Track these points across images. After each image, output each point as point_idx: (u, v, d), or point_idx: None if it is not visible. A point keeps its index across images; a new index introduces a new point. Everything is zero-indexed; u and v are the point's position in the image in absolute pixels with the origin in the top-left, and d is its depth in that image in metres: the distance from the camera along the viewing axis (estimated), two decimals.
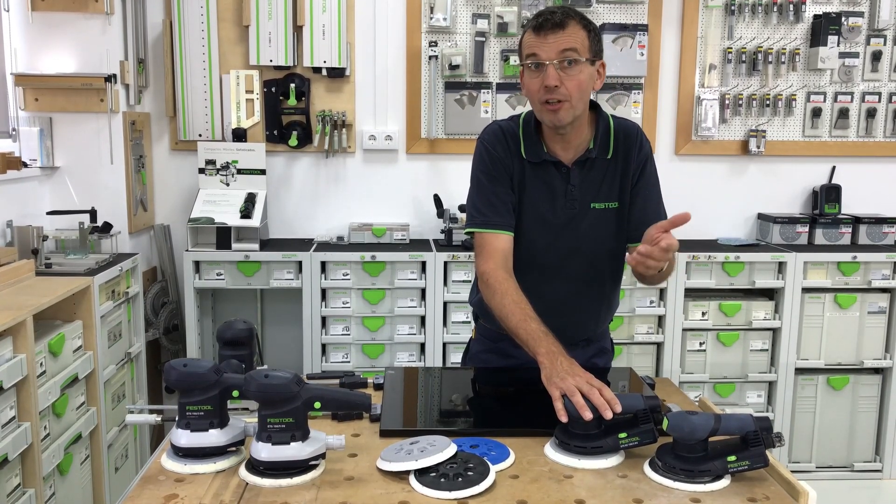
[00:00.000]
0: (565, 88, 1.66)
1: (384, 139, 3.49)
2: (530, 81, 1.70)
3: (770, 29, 3.53)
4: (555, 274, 1.82)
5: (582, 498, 1.26)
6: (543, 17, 1.67)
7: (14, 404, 2.10)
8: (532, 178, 1.80)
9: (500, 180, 1.80)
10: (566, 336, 1.75)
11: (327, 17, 3.37)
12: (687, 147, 3.60)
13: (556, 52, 1.65)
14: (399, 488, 1.28)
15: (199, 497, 1.25)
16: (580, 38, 1.67)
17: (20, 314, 2.10)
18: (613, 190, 1.81)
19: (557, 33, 1.65)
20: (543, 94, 1.67)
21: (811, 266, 3.29)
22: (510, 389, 1.87)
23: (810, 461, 3.41)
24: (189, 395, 1.35)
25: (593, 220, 1.81)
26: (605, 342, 2.03)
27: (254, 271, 3.17)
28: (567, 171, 1.79)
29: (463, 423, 1.63)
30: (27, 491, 2.16)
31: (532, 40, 1.68)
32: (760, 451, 1.31)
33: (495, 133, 1.83)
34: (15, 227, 2.76)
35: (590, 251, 1.83)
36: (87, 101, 3.03)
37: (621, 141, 1.81)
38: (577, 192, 1.79)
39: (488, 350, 1.98)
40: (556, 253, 1.82)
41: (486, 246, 1.79)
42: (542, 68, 1.66)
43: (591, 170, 1.80)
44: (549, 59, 1.65)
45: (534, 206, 1.81)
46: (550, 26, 1.65)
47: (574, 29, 1.66)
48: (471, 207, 1.84)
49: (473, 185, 1.84)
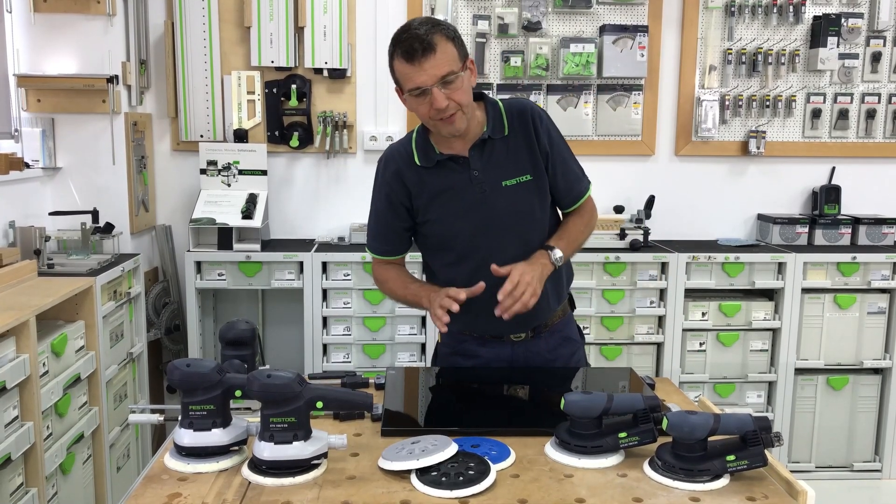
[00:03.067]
0: (453, 102, 1.71)
1: (385, 140, 3.50)
2: (418, 107, 1.73)
3: (770, 30, 3.54)
4: (490, 259, 1.78)
5: (582, 497, 1.27)
6: (409, 43, 1.67)
7: (17, 404, 2.11)
8: (433, 180, 1.84)
9: (384, 208, 1.91)
10: (522, 322, 1.82)
11: (328, 18, 3.38)
12: (687, 148, 3.61)
13: (436, 78, 1.67)
14: (401, 487, 1.29)
15: (201, 496, 1.26)
16: (451, 54, 1.69)
17: (23, 314, 2.11)
18: (521, 164, 1.84)
19: (430, 58, 1.66)
20: (436, 114, 1.72)
21: (811, 266, 3.30)
22: (511, 390, 1.89)
23: (810, 461, 3.41)
24: (192, 394, 1.36)
25: (508, 197, 1.83)
26: (570, 330, 2.01)
27: (255, 272, 3.18)
28: (465, 160, 1.83)
29: (464, 423, 1.64)
30: (30, 490, 2.17)
31: (408, 70, 1.69)
32: (759, 450, 1.32)
33: (385, 160, 1.91)
34: (17, 228, 2.76)
35: (516, 228, 1.84)
36: (89, 101, 3.04)
37: (515, 117, 1.84)
38: (483, 175, 1.82)
39: (455, 352, 1.99)
40: (484, 239, 1.84)
41: (376, 264, 2.00)
42: (427, 93, 1.69)
43: (492, 151, 1.83)
44: (431, 85, 1.68)
45: (444, 205, 1.85)
46: (422, 53, 1.66)
47: (443, 47, 1.67)
48: (368, 228, 2.00)
49: (371, 208, 1.96)
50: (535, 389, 1.86)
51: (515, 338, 1.93)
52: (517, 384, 1.90)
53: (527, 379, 1.91)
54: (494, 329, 1.90)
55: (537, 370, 1.93)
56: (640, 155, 3.60)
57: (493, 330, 1.91)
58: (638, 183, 3.58)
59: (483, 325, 1.90)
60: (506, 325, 1.79)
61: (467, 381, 1.94)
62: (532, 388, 1.87)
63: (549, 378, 1.92)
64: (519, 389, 1.88)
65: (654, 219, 3.45)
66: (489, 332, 1.93)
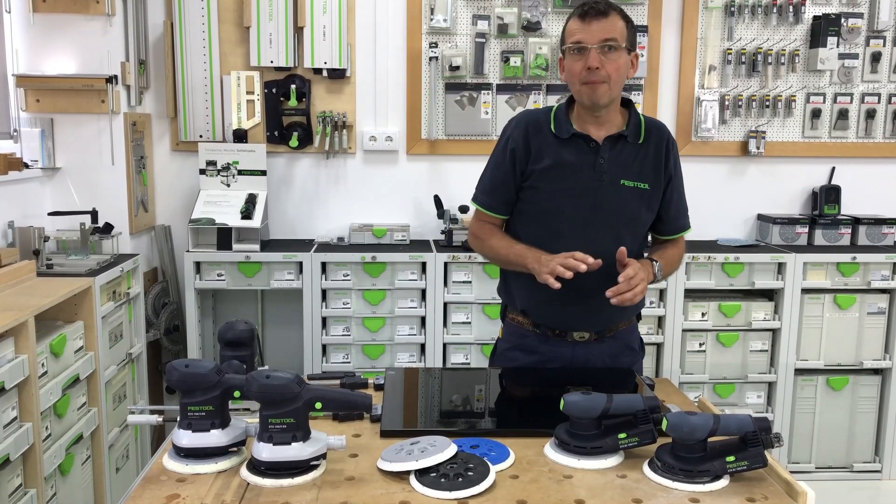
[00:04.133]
0: (605, 71, 1.80)
1: (384, 140, 3.50)
2: (573, 64, 1.84)
3: (770, 30, 3.54)
4: (582, 247, 1.79)
5: (581, 498, 1.27)
6: (588, 5, 1.82)
7: (16, 405, 2.11)
8: (559, 151, 1.89)
9: (505, 161, 1.93)
10: (591, 322, 1.89)
11: (328, 19, 3.38)
12: (687, 148, 3.60)
13: (599, 38, 1.80)
14: (399, 488, 1.29)
15: (200, 497, 1.26)
16: (620, 27, 1.82)
17: (22, 315, 2.11)
18: (644, 172, 1.90)
19: (601, 21, 1.81)
20: (586, 75, 1.81)
21: (811, 267, 3.29)
22: (511, 390, 1.88)
23: (810, 461, 3.41)
24: (191, 395, 1.36)
25: (622, 196, 1.89)
26: (632, 340, 2.04)
27: (254, 272, 3.18)
28: (597, 145, 1.89)
29: (463, 424, 1.64)
30: (28, 491, 2.16)
31: (577, 26, 1.83)
32: (759, 451, 1.32)
33: (518, 118, 1.98)
34: (16, 228, 2.76)
35: (618, 227, 1.88)
36: (88, 102, 3.03)
37: (652, 132, 1.93)
38: (607, 166, 1.88)
39: (515, 347, 2.00)
40: (584, 225, 1.87)
41: (480, 215, 2.02)
42: (585, 52, 1.81)
43: (622, 149, 1.90)
44: (592, 44, 1.80)
45: (560, 178, 1.88)
46: (594, 14, 1.81)
47: (615, 19, 1.82)
48: (480, 181, 2.02)
49: (488, 162, 2.01)
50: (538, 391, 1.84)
51: (579, 337, 1.94)
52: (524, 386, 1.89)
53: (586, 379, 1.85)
54: (562, 322, 1.93)
55: (595, 370, 1.93)
56: None
57: (560, 323, 1.94)
58: None
59: (553, 316, 1.93)
60: (574, 320, 1.90)
61: (527, 381, 1.93)
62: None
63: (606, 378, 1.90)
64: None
65: None
66: (555, 326, 1.94)
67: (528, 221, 1.94)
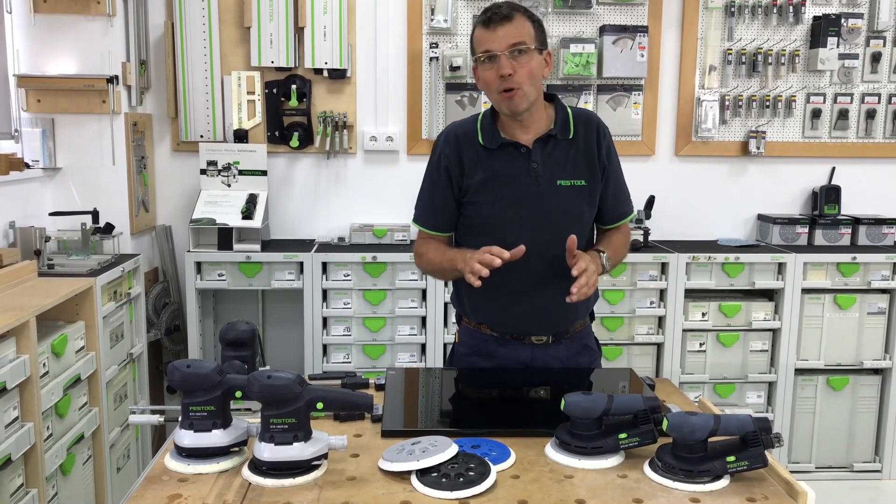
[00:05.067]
0: (518, 76, 1.78)
1: (385, 140, 3.50)
2: (485, 73, 1.81)
3: (770, 30, 3.54)
4: (529, 251, 1.78)
5: (582, 498, 1.27)
6: (491, 12, 1.79)
7: (17, 405, 2.11)
8: (491, 162, 1.88)
9: (441, 180, 1.92)
10: (546, 323, 1.89)
11: (328, 19, 3.38)
12: (687, 148, 3.61)
13: (507, 43, 1.77)
14: (401, 488, 1.29)
15: (202, 497, 1.26)
16: (527, 29, 1.80)
17: (23, 315, 2.11)
18: (579, 168, 1.89)
19: (506, 26, 1.77)
20: (500, 84, 1.78)
21: (811, 267, 3.30)
22: (511, 390, 1.88)
23: (810, 461, 3.41)
24: (192, 395, 1.36)
25: (561, 196, 1.87)
26: (589, 340, 2.04)
27: (255, 272, 3.18)
28: (527, 150, 1.87)
29: (464, 424, 1.64)
30: (30, 491, 2.17)
31: (483, 35, 1.80)
32: (759, 451, 1.32)
33: (446, 133, 1.95)
34: (17, 228, 2.77)
35: (561, 227, 1.84)
36: (88, 102, 3.04)
37: (581, 124, 1.91)
38: (541, 169, 1.86)
39: (474, 353, 1.99)
40: (527, 231, 1.84)
41: (423, 234, 2.01)
42: (495, 60, 1.78)
43: (554, 149, 1.88)
44: (501, 50, 1.77)
45: (496, 189, 1.87)
46: (499, 19, 1.78)
47: (520, 21, 1.79)
48: (418, 200, 2.01)
49: (424, 180, 2.00)
50: (554, 391, 1.84)
51: (537, 340, 1.94)
52: (536, 386, 1.89)
53: (545, 380, 1.89)
54: (519, 328, 1.92)
55: (554, 371, 1.93)
56: (640, 155, 3.60)
57: (517, 329, 1.93)
58: (638, 183, 3.54)
59: (509, 323, 1.93)
60: (530, 325, 1.88)
61: (485, 384, 1.93)
62: (552, 390, 1.83)
63: (564, 378, 1.91)
64: (535, 391, 1.85)
65: (654, 219, 3.45)
66: (513, 332, 1.94)
67: (473, 234, 1.93)
